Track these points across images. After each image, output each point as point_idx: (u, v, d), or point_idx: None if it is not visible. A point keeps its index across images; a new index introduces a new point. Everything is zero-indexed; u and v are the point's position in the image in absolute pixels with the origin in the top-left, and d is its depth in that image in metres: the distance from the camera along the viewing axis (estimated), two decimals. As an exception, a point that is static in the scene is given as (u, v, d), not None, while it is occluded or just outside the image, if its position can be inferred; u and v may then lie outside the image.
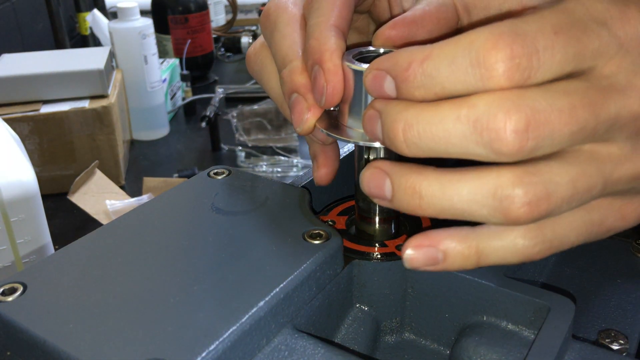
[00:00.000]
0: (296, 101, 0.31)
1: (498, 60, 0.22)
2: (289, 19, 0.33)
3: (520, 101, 0.22)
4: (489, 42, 0.22)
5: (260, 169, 1.10)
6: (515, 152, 0.22)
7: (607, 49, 0.23)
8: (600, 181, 0.24)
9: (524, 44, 0.22)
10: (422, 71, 0.23)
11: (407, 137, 0.24)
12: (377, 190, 0.26)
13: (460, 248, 0.25)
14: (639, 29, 0.24)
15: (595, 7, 0.24)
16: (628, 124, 0.24)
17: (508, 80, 0.22)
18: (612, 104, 0.23)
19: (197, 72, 1.48)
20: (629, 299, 0.35)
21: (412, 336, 0.35)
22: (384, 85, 0.25)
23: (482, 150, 0.23)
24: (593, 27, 0.23)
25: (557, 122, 0.22)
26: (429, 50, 0.24)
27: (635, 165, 0.25)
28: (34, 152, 0.98)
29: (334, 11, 0.31)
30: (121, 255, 0.30)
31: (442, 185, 0.24)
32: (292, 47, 0.32)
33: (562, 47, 0.22)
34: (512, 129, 0.22)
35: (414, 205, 0.25)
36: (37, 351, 0.25)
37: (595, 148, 0.24)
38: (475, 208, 0.24)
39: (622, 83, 0.23)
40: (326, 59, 0.29)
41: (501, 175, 0.23)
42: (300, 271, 0.29)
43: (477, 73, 0.22)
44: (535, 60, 0.22)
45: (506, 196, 0.23)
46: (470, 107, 0.23)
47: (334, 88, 0.29)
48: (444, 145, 0.23)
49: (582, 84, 0.23)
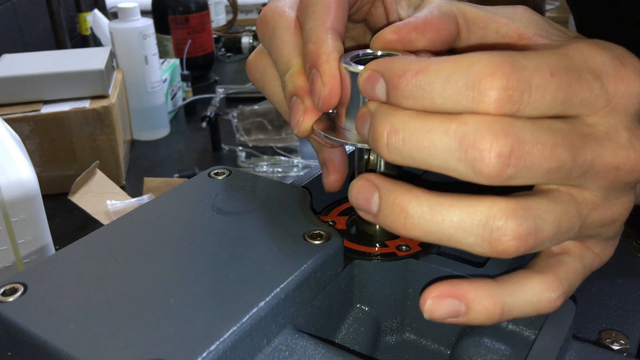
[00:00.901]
0: (294, 104, 0.31)
1: (492, 88, 0.22)
2: (287, 24, 0.33)
3: (509, 128, 0.22)
4: (487, 69, 0.22)
5: (261, 169, 1.10)
6: (494, 176, 0.23)
7: (595, 102, 0.24)
8: (578, 223, 0.25)
9: (520, 78, 0.22)
10: (414, 82, 0.24)
11: (390, 141, 0.24)
12: (364, 202, 0.26)
13: (486, 304, 0.25)
14: (629, 89, 0.25)
15: (594, 59, 0.24)
16: (601, 173, 0.24)
17: (497, 108, 0.23)
18: (589, 150, 0.24)
19: (197, 72, 1.48)
20: (630, 299, 0.35)
21: (413, 336, 0.35)
22: (375, 87, 0.25)
23: (463, 167, 0.23)
24: (587, 78, 0.24)
25: (538, 155, 0.23)
26: (426, 63, 0.24)
27: (605, 213, 0.26)
28: (35, 152, 0.98)
29: (330, 14, 0.31)
30: (122, 255, 0.30)
31: (432, 207, 0.24)
32: (293, 52, 0.32)
33: (554, 89, 0.23)
34: (497, 152, 0.22)
35: (398, 224, 0.25)
36: (37, 351, 0.25)
37: (572, 191, 0.25)
38: (462, 235, 0.24)
39: (601, 134, 0.24)
40: (323, 62, 0.29)
41: (494, 206, 0.23)
42: (301, 271, 0.29)
43: (469, 95, 0.23)
44: (527, 96, 0.23)
45: (497, 227, 0.23)
46: (460, 123, 0.23)
47: (330, 90, 0.29)
48: (426, 156, 0.24)
49: (565, 126, 0.24)
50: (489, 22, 0.30)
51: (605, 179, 0.25)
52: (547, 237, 0.24)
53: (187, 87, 1.38)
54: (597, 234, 0.27)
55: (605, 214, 0.26)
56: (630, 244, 0.40)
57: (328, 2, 0.31)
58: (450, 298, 0.25)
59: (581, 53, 0.24)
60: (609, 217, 0.26)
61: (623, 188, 0.26)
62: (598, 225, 0.26)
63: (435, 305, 0.25)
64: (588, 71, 0.24)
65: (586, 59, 0.24)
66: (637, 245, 0.40)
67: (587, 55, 0.24)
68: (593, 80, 0.24)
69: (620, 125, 0.25)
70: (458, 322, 0.25)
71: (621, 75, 0.25)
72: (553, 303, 0.26)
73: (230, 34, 1.73)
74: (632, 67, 0.25)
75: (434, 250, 0.34)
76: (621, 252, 0.39)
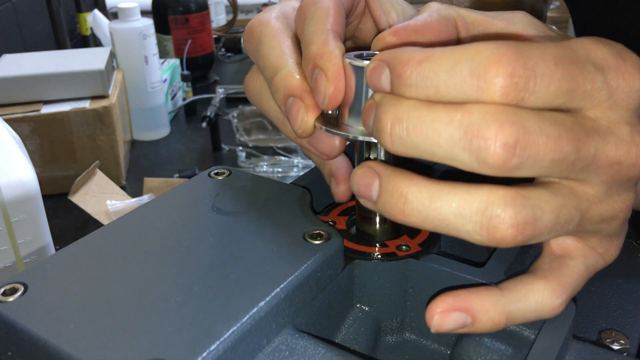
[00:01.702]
0: (292, 104, 0.31)
1: (498, 75, 0.22)
2: (273, 32, 0.33)
3: (515, 117, 0.22)
4: (493, 56, 0.22)
5: (261, 169, 1.10)
6: (499, 165, 0.22)
7: (597, 94, 0.24)
8: (578, 216, 0.25)
9: (526, 66, 0.22)
10: (418, 70, 0.24)
11: (393, 131, 0.24)
12: (365, 189, 0.26)
13: (492, 314, 0.25)
14: (630, 84, 0.25)
15: (596, 53, 0.24)
16: (603, 167, 0.24)
17: (503, 96, 0.22)
18: (592, 144, 0.24)
19: (197, 72, 1.48)
20: (630, 299, 0.35)
21: (413, 336, 0.35)
22: (381, 77, 0.25)
23: (467, 157, 0.23)
24: (590, 70, 0.24)
25: (543, 146, 0.23)
26: (431, 52, 0.24)
27: (606, 208, 0.26)
28: (35, 152, 0.98)
29: (329, 18, 0.31)
30: (122, 255, 0.30)
31: (431, 194, 0.24)
32: (281, 57, 0.32)
33: (559, 79, 0.23)
34: (502, 141, 0.22)
35: (397, 210, 0.25)
36: (38, 351, 0.25)
37: (573, 185, 0.25)
38: (460, 222, 0.24)
39: (603, 128, 0.24)
40: (327, 60, 0.29)
41: (493, 193, 0.23)
42: (301, 271, 0.29)
43: (474, 83, 0.23)
44: (532, 84, 0.23)
45: (496, 215, 0.23)
46: (465, 112, 0.23)
47: (336, 88, 0.29)
48: (430, 145, 0.23)
49: (569, 118, 0.24)
50: (488, 25, 0.31)
51: (607, 174, 0.25)
52: (545, 228, 0.24)
53: (187, 87, 1.38)
54: (598, 229, 0.27)
55: (605, 209, 0.26)
56: (630, 244, 0.40)
57: (326, 7, 0.31)
58: (457, 312, 0.25)
59: (584, 47, 0.24)
60: (609, 212, 0.26)
61: (624, 184, 0.26)
62: (598, 221, 0.26)
63: (442, 321, 0.25)
64: (591, 64, 0.24)
65: (588, 52, 0.24)
66: (637, 245, 0.40)
67: (589, 48, 0.24)
68: (595, 72, 0.24)
69: (621, 120, 0.25)
70: (463, 332, 0.25)
71: (622, 70, 0.25)
72: (556, 309, 0.26)
73: (231, 34, 1.73)
74: (632, 62, 0.25)
75: (434, 250, 0.34)
76: (621, 252, 0.39)
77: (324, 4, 0.32)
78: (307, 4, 0.32)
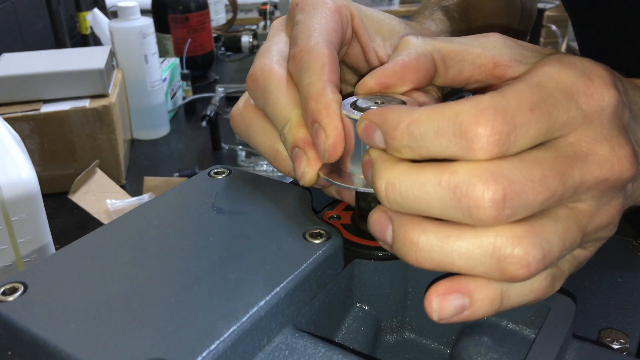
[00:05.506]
0: (297, 155, 0.32)
1: (479, 135, 0.23)
2: (278, 80, 0.34)
3: (498, 172, 0.23)
4: (472, 116, 0.23)
5: (261, 169, 1.10)
6: (492, 220, 0.23)
7: (573, 121, 0.25)
8: (580, 235, 0.26)
9: (504, 121, 0.23)
10: (409, 133, 0.25)
11: (388, 194, 0.25)
12: (380, 234, 0.27)
13: (487, 291, 0.25)
14: (600, 103, 0.26)
15: (564, 81, 0.26)
16: (592, 187, 0.25)
17: (486, 154, 0.24)
18: (577, 171, 0.25)
19: (197, 71, 1.48)
20: (630, 298, 0.35)
21: (413, 335, 0.35)
22: (374, 136, 0.26)
23: (461, 215, 0.24)
24: (563, 102, 0.25)
25: (530, 191, 0.24)
26: (417, 114, 0.25)
27: (600, 218, 0.27)
28: (35, 151, 0.98)
29: (325, 68, 0.32)
30: (122, 254, 0.30)
31: (440, 239, 0.25)
32: (288, 106, 0.33)
33: (536, 123, 0.24)
34: (490, 198, 0.23)
35: (411, 257, 0.25)
36: (38, 351, 0.25)
37: (570, 205, 0.26)
38: (472, 265, 0.25)
39: (584, 151, 0.25)
40: (324, 117, 0.30)
41: (499, 235, 0.24)
42: (301, 270, 0.29)
43: (459, 143, 0.24)
44: (513, 137, 0.24)
45: (505, 256, 0.24)
46: (451, 173, 0.24)
47: (334, 142, 0.30)
48: (424, 206, 0.25)
49: (551, 153, 0.25)
50: (464, 55, 0.31)
51: (596, 190, 0.26)
52: (555, 258, 0.25)
53: (187, 86, 1.37)
54: (596, 239, 0.28)
55: (600, 220, 0.27)
56: (630, 244, 0.40)
57: (321, 56, 0.32)
58: (454, 293, 0.25)
59: (552, 77, 0.26)
60: (604, 221, 0.27)
61: (613, 192, 0.27)
62: (596, 232, 0.27)
63: (441, 303, 0.25)
64: (562, 94, 0.25)
65: (557, 82, 0.26)
66: (637, 245, 0.40)
67: (557, 78, 0.26)
68: (568, 102, 0.25)
69: (599, 136, 0.26)
70: (463, 318, 0.26)
71: (591, 91, 0.26)
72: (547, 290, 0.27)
73: (230, 33, 1.73)
74: (599, 80, 0.26)
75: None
76: (621, 251, 0.40)
77: (318, 52, 0.32)
78: (301, 51, 0.33)
